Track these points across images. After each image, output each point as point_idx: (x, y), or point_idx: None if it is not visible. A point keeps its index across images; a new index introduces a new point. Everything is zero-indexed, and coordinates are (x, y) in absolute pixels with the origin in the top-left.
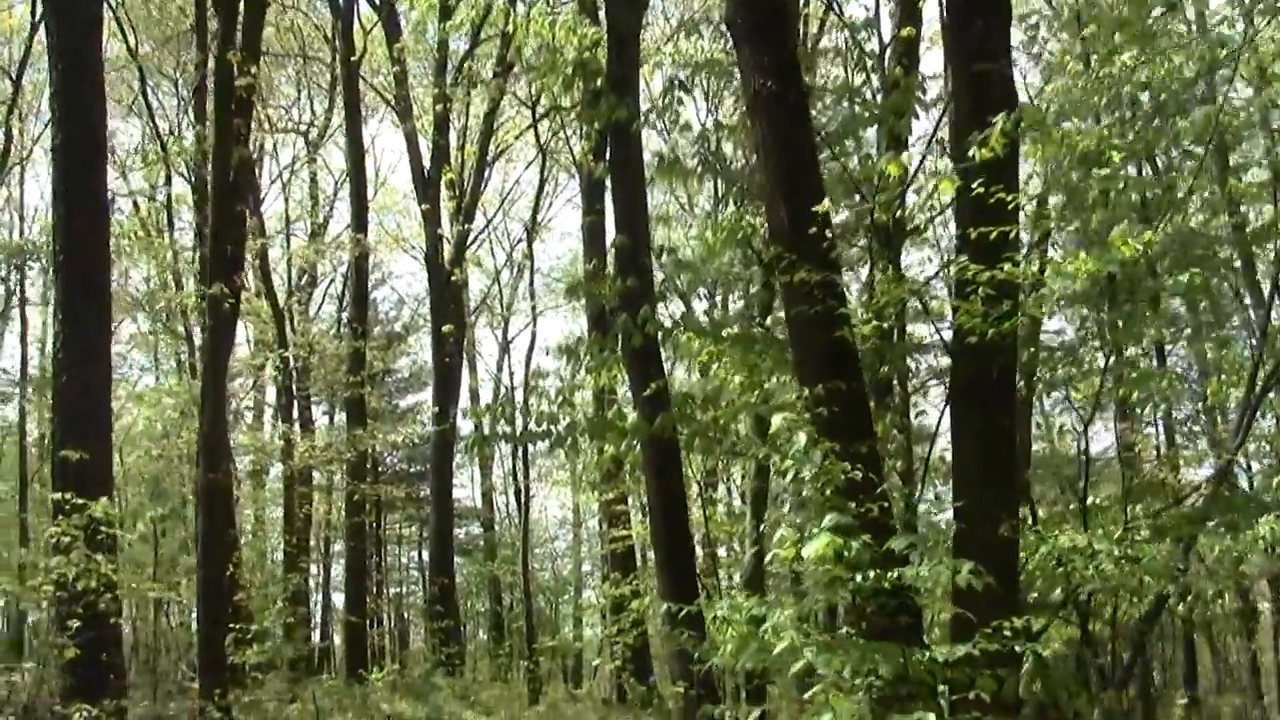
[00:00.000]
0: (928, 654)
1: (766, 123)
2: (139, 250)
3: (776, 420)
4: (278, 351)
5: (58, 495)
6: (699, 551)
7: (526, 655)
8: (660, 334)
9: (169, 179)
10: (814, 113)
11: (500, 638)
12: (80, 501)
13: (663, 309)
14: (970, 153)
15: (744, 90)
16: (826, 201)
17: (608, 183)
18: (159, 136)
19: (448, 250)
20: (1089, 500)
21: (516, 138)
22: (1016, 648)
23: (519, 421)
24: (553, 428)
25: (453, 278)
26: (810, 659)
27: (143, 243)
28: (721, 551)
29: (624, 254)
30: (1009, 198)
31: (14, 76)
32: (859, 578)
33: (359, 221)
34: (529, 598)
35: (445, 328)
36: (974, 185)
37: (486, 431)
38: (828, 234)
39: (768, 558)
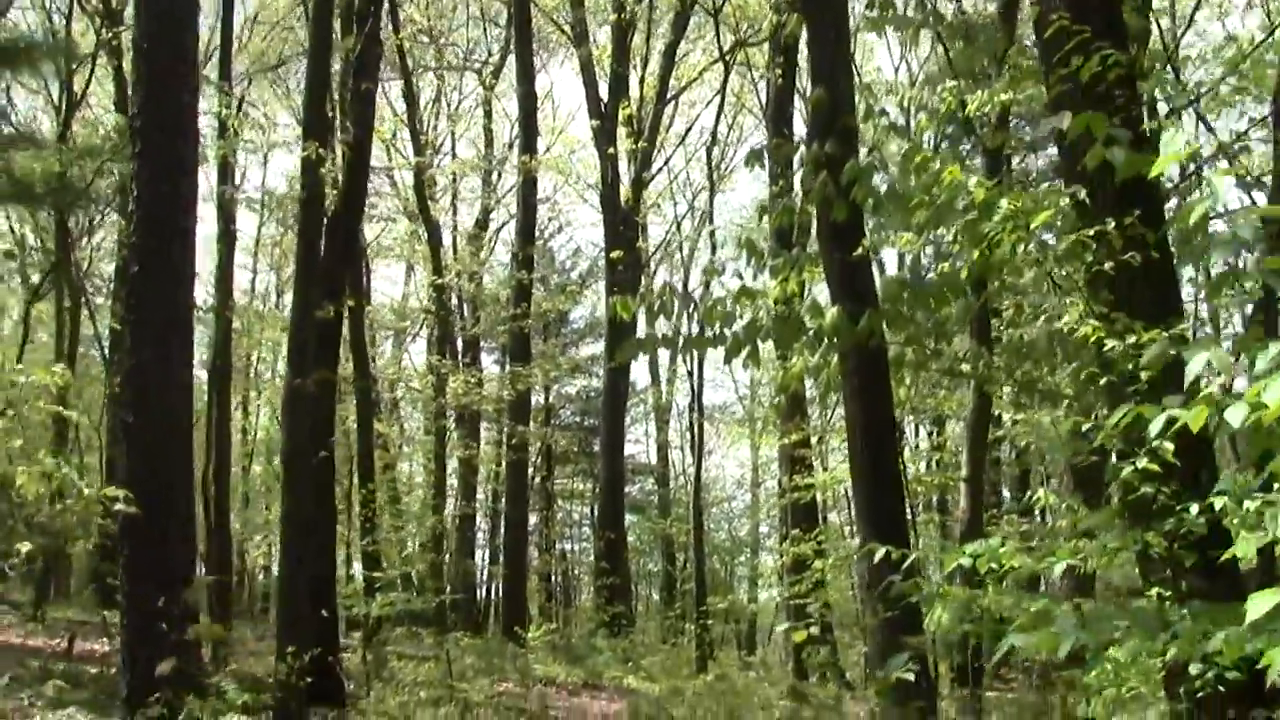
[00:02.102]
0: None
1: None
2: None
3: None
4: (431, 279)
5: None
6: None
7: (696, 617)
8: (872, 201)
9: None
10: None
11: (671, 598)
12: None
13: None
14: None
15: None
16: None
17: (796, 97)
18: None
19: (624, 189)
20: None
21: (700, 73)
22: None
23: (687, 320)
24: (727, 331)
25: (628, 211)
26: None
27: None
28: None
29: (821, 113)
30: None
31: None
32: None
33: (528, 146)
34: (700, 554)
35: (614, 253)
36: None
37: (645, 328)
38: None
39: (1158, 424)
